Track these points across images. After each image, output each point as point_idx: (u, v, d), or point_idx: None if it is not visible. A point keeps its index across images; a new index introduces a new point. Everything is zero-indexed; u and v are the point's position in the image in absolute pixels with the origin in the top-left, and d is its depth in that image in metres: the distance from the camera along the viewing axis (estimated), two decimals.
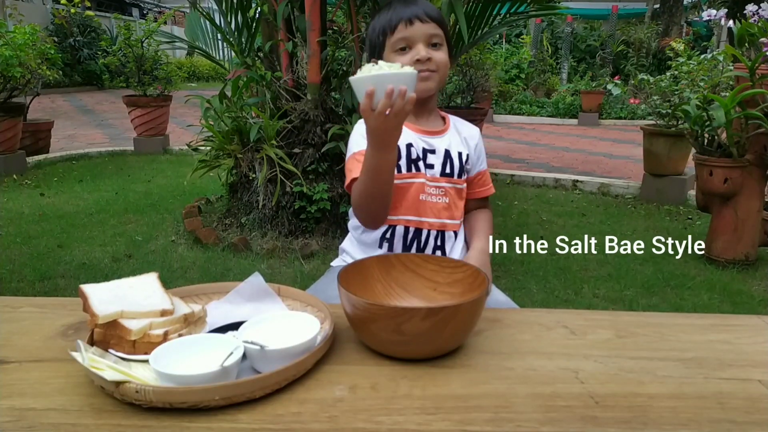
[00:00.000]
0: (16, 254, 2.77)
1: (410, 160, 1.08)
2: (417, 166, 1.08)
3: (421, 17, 1.02)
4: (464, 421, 0.61)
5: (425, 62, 1.02)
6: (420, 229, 1.09)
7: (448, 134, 1.13)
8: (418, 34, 1.02)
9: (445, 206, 1.10)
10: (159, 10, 19.55)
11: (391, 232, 1.09)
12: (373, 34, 1.07)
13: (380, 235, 1.10)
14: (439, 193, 1.09)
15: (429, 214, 1.09)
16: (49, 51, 4.49)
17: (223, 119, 2.91)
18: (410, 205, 1.07)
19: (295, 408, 0.62)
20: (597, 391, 0.67)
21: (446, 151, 1.11)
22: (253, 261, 2.74)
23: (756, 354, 0.77)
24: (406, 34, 1.02)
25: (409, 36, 1.02)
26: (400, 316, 0.69)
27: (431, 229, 1.09)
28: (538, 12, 3.25)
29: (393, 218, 1.08)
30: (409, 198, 1.07)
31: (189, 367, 0.64)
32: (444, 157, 1.10)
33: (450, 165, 1.11)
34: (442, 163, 1.10)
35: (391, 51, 1.04)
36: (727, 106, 2.51)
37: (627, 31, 10.97)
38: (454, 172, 1.11)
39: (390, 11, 1.04)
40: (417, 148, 1.09)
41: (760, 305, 2.37)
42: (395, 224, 1.09)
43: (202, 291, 0.88)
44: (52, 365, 0.71)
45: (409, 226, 1.09)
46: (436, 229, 1.09)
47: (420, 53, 1.01)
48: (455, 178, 1.11)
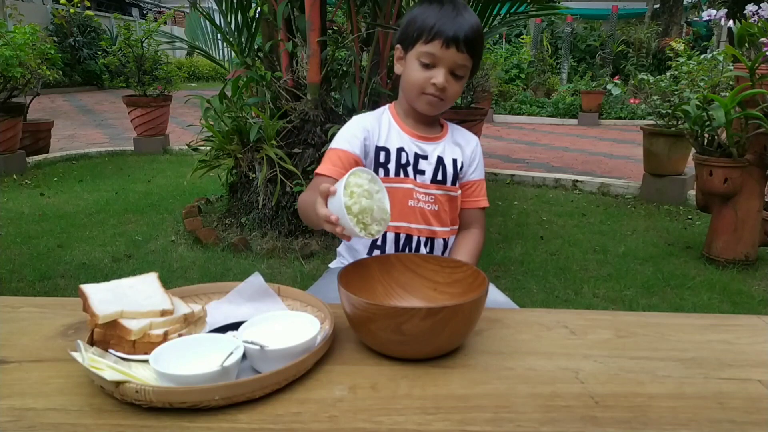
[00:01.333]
0: (16, 254, 2.77)
1: (399, 165, 1.07)
2: (406, 171, 1.07)
3: (459, 45, 0.99)
4: (464, 421, 0.61)
5: (438, 90, 1.01)
6: (410, 235, 1.09)
7: (443, 141, 1.12)
8: (447, 60, 1.00)
9: (434, 213, 1.09)
10: (159, 10, 19.55)
11: (382, 239, 1.09)
12: (412, 26, 1.03)
13: (370, 242, 1.09)
14: (428, 200, 1.08)
15: (418, 221, 1.08)
16: (49, 51, 4.48)
17: (223, 119, 2.91)
18: (399, 211, 1.06)
19: (295, 408, 0.62)
20: (597, 391, 0.67)
21: (439, 158, 1.09)
22: (253, 261, 2.74)
23: (756, 354, 0.77)
24: (437, 53, 0.99)
25: (439, 57, 1.00)
26: (400, 316, 0.69)
27: (420, 236, 1.09)
28: (538, 12, 3.25)
29: None
30: (397, 204, 1.06)
31: (189, 367, 0.64)
32: (436, 164, 1.09)
33: (443, 172, 1.09)
34: (434, 170, 1.09)
35: (415, 57, 1.02)
36: (727, 106, 2.51)
37: (627, 31, 10.97)
38: (446, 179, 1.10)
39: (437, 15, 1.00)
40: (409, 153, 1.08)
41: (759, 305, 2.37)
42: (386, 230, 1.08)
43: (202, 291, 0.88)
44: (52, 365, 0.71)
45: (399, 233, 1.08)
46: (425, 235, 1.09)
47: (438, 80, 1.00)
48: (448, 185, 1.10)
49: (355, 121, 1.11)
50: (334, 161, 1.06)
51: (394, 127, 1.11)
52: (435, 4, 1.02)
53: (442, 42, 0.98)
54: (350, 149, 1.06)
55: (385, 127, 1.10)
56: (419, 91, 1.03)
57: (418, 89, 1.03)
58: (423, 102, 1.04)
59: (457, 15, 0.99)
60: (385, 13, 2.90)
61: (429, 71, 1.01)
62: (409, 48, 1.03)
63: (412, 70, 1.03)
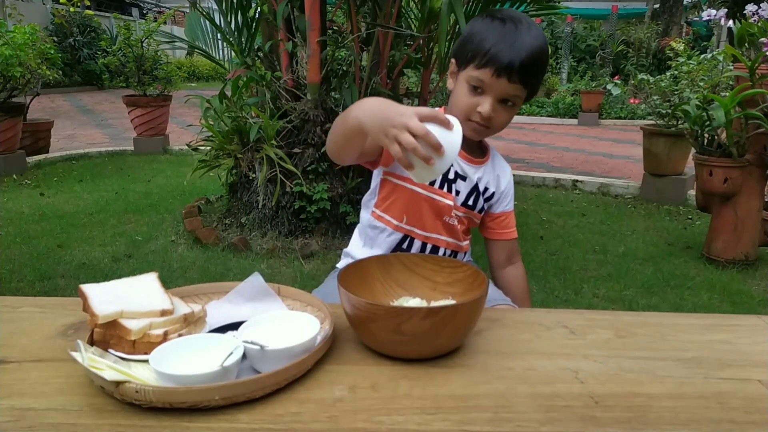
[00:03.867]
0: (16, 254, 2.77)
1: (446, 179, 1.03)
2: (450, 187, 1.05)
3: (512, 76, 0.91)
4: (464, 421, 0.61)
5: (484, 119, 0.95)
6: (437, 247, 1.08)
7: (484, 167, 1.08)
8: (497, 90, 0.93)
9: (463, 230, 1.09)
10: (159, 10, 19.55)
11: (408, 245, 1.07)
12: (469, 44, 0.95)
13: (396, 243, 1.07)
14: (456, 217, 1.07)
15: (448, 234, 1.08)
16: (48, 51, 4.48)
17: (223, 119, 2.91)
18: (434, 224, 1.05)
19: (295, 408, 0.62)
20: (597, 391, 0.67)
21: (476, 184, 1.06)
22: (253, 261, 2.74)
23: (756, 354, 0.77)
24: (487, 81, 0.92)
25: (488, 84, 0.93)
26: (400, 316, 0.68)
27: (447, 248, 1.08)
28: (537, 12, 3.25)
29: (414, 230, 1.06)
30: (434, 216, 1.05)
31: (189, 367, 0.64)
32: (472, 189, 1.06)
33: (475, 198, 1.07)
34: (468, 194, 1.06)
35: (465, 80, 0.96)
36: (726, 106, 2.51)
37: (627, 31, 10.97)
38: (476, 206, 1.08)
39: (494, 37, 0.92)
40: (457, 168, 1.04)
41: (759, 305, 2.37)
42: (414, 237, 1.06)
43: (201, 291, 0.88)
44: (52, 365, 0.71)
45: (427, 242, 1.07)
46: (452, 248, 1.09)
47: (484, 109, 0.93)
48: (475, 212, 1.09)
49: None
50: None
51: None
52: (497, 21, 0.94)
53: (494, 71, 0.91)
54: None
55: None
56: (465, 116, 0.97)
57: (464, 114, 0.97)
58: (468, 128, 0.97)
59: (517, 39, 0.91)
60: (385, 12, 2.90)
61: (477, 97, 0.95)
62: (462, 67, 0.97)
63: (461, 93, 0.97)
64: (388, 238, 1.07)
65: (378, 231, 1.08)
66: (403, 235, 1.06)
